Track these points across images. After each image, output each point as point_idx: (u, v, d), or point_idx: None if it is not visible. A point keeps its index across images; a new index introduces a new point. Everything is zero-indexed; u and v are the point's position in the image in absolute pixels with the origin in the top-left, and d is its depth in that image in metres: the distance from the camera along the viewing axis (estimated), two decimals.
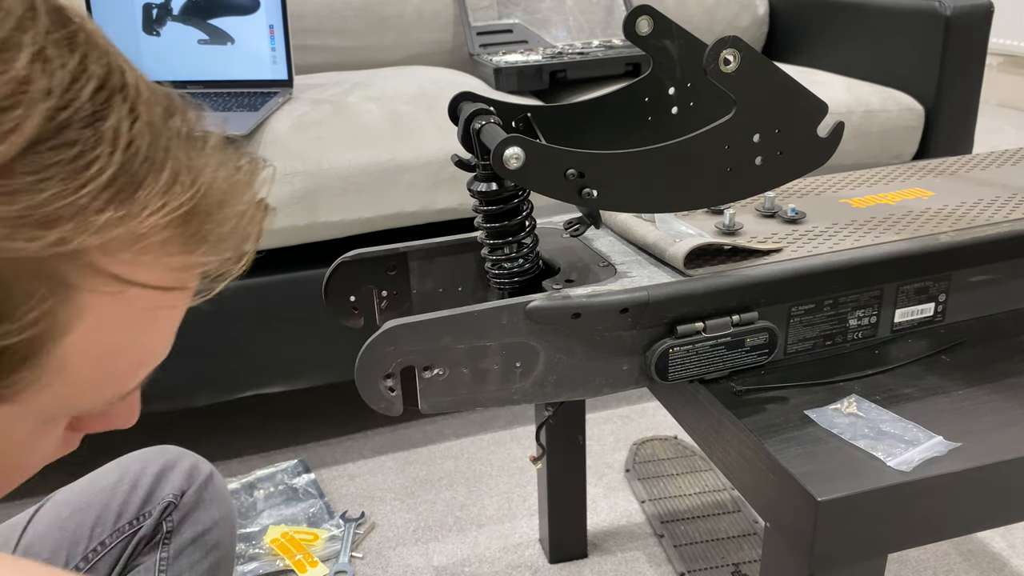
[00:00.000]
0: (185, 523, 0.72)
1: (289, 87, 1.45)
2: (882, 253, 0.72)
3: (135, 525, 0.71)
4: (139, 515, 0.71)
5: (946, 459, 0.59)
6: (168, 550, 0.71)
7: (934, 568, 1.18)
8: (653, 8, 0.72)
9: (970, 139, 1.71)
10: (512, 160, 0.59)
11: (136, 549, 0.71)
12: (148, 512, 0.71)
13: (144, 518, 0.71)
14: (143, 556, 0.71)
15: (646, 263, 0.72)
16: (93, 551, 0.69)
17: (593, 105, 0.77)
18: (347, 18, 1.76)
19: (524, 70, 1.57)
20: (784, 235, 0.76)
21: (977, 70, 1.64)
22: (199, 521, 0.73)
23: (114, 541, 0.70)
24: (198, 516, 0.73)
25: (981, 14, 1.59)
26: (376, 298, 0.79)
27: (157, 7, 1.44)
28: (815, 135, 0.67)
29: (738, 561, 1.19)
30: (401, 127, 1.33)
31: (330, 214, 1.28)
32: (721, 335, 0.67)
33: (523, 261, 0.71)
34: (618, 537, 1.27)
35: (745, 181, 0.67)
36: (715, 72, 0.61)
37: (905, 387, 0.68)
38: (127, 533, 0.70)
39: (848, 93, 1.61)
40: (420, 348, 0.62)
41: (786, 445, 0.61)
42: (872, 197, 0.86)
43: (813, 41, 1.94)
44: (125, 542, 0.70)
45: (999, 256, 0.76)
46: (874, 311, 0.74)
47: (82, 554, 0.69)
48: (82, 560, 0.69)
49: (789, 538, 0.59)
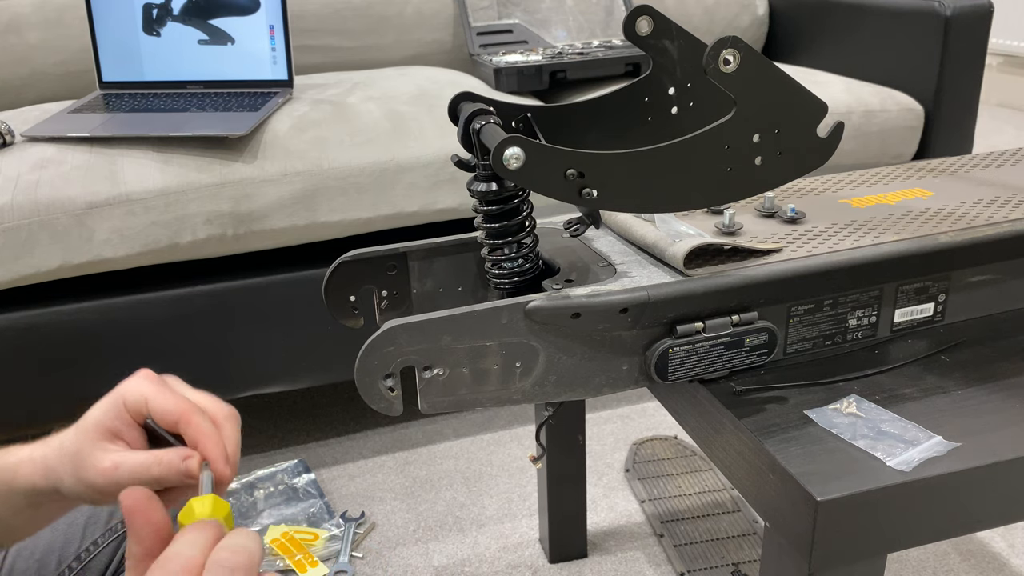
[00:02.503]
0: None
1: (289, 87, 1.45)
2: (882, 253, 0.72)
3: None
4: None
5: (946, 459, 0.59)
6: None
7: (934, 568, 1.18)
8: (653, 8, 0.72)
9: (970, 139, 1.71)
10: (512, 160, 0.59)
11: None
12: None
13: None
14: None
15: (646, 263, 0.72)
16: (86, 551, 0.69)
17: (593, 105, 0.77)
18: (347, 18, 1.76)
19: (524, 70, 1.57)
20: (784, 235, 0.77)
21: (977, 70, 1.64)
22: None
23: (107, 540, 0.70)
24: None
25: (981, 14, 1.59)
26: (376, 298, 0.79)
27: (157, 7, 1.44)
28: (815, 135, 0.67)
29: (738, 561, 1.19)
30: (401, 127, 1.34)
31: (330, 214, 1.28)
32: (721, 335, 0.67)
33: (523, 261, 0.71)
34: (618, 537, 1.27)
35: (745, 181, 0.67)
36: (715, 72, 0.61)
37: (905, 387, 0.68)
38: (119, 532, 0.70)
39: (848, 93, 1.61)
40: (420, 348, 0.63)
41: (786, 445, 0.61)
42: (872, 197, 0.86)
43: (813, 41, 1.94)
44: (118, 541, 0.70)
45: (999, 256, 0.77)
46: (874, 311, 0.74)
47: (75, 554, 0.69)
48: (75, 560, 0.69)
49: (789, 538, 0.59)
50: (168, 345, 1.29)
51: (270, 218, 1.26)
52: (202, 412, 0.52)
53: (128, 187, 1.20)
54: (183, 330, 1.29)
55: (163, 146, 1.25)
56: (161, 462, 0.50)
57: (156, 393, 0.52)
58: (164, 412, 0.52)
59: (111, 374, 1.46)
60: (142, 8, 1.44)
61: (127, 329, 1.26)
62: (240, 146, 1.26)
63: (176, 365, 1.32)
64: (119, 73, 1.47)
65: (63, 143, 1.25)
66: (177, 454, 0.51)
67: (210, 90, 1.45)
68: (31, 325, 1.22)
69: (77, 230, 1.18)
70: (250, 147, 1.26)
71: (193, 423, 0.51)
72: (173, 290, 1.27)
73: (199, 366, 1.30)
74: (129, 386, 0.53)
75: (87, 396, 0.55)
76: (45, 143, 1.25)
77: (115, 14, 1.44)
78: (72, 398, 1.13)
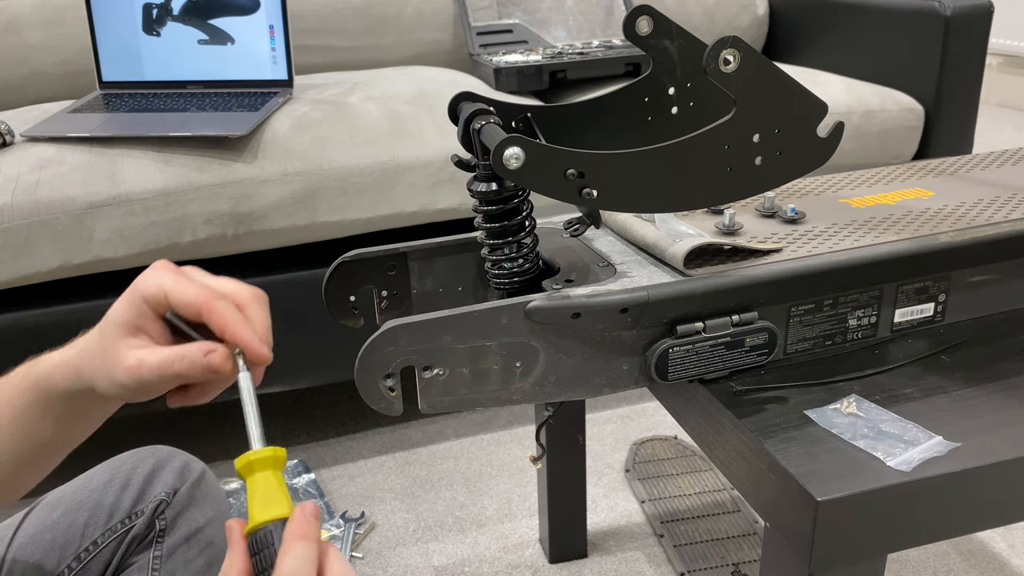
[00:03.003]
0: (178, 521, 0.72)
1: (289, 87, 1.45)
2: (882, 253, 0.72)
3: (127, 524, 0.70)
4: (131, 514, 0.70)
5: (946, 459, 0.59)
6: (161, 548, 0.71)
7: (934, 568, 1.18)
8: (653, 8, 0.72)
9: (970, 139, 1.71)
10: (512, 160, 0.59)
11: (129, 548, 0.70)
12: (140, 511, 0.71)
13: (136, 516, 0.70)
14: (136, 555, 0.71)
15: (646, 263, 0.72)
16: (85, 551, 0.69)
17: (593, 105, 0.77)
18: (347, 18, 1.76)
19: (524, 70, 1.57)
20: (784, 235, 0.77)
21: (977, 70, 1.64)
22: (192, 519, 0.72)
23: (106, 540, 0.70)
24: (191, 514, 0.72)
25: (981, 14, 1.59)
26: (376, 298, 0.79)
27: (157, 7, 1.44)
28: (815, 135, 0.67)
29: (738, 561, 1.19)
30: (401, 127, 1.34)
31: (330, 214, 1.28)
32: (721, 335, 0.67)
33: (523, 261, 0.71)
34: (618, 537, 1.27)
35: (745, 181, 0.67)
36: (715, 72, 0.61)
37: (905, 387, 0.68)
38: (119, 532, 0.70)
39: (848, 93, 1.61)
40: (420, 348, 0.63)
41: (786, 445, 0.61)
42: (872, 197, 0.86)
43: (813, 41, 1.94)
44: (117, 541, 0.70)
45: (998, 256, 0.77)
46: (874, 311, 0.74)
47: (74, 554, 0.69)
48: (74, 560, 0.69)
49: (789, 538, 0.59)
50: None
51: (270, 218, 1.26)
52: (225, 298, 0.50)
53: (128, 187, 1.20)
54: None
55: (163, 146, 1.25)
56: (183, 358, 0.49)
57: (175, 284, 0.50)
58: (185, 303, 0.50)
59: None
60: (142, 8, 1.44)
61: None
62: (240, 146, 1.26)
63: None
64: (119, 73, 1.47)
65: (63, 143, 1.25)
66: (199, 348, 0.49)
67: (210, 90, 1.45)
68: (31, 325, 1.22)
69: (77, 230, 1.18)
70: (250, 147, 1.26)
71: (216, 310, 0.49)
72: None
73: None
74: (147, 279, 0.51)
75: None
76: (45, 143, 1.25)
77: (115, 14, 1.44)
78: None
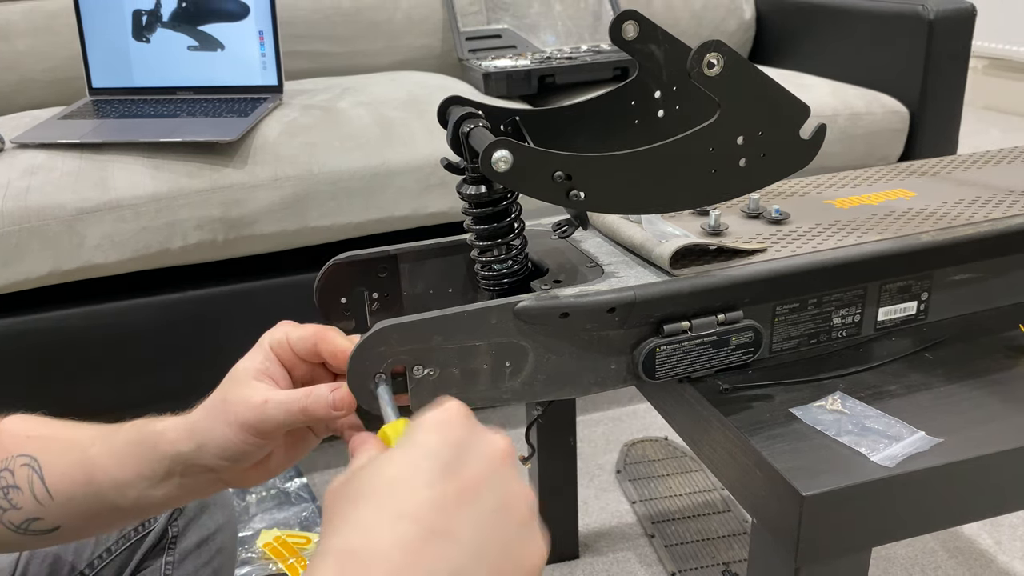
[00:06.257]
0: (190, 528, 0.72)
1: (279, 93, 1.46)
2: (865, 252, 0.73)
3: (141, 532, 0.71)
4: (145, 521, 0.71)
5: (929, 454, 0.60)
6: (173, 555, 0.71)
7: (922, 565, 1.19)
8: (639, 13, 0.73)
9: (955, 141, 1.73)
10: (500, 163, 0.60)
11: (144, 556, 0.71)
12: (154, 519, 0.71)
13: (150, 523, 0.71)
14: (148, 561, 0.71)
15: (633, 263, 0.73)
16: (99, 557, 0.69)
17: (580, 109, 0.78)
18: (337, 24, 1.76)
19: (513, 75, 1.58)
20: (768, 235, 0.78)
21: (960, 73, 1.66)
22: (204, 526, 0.73)
23: (120, 548, 0.70)
24: (203, 521, 0.73)
25: (963, 17, 1.61)
26: (367, 300, 0.79)
27: (147, 13, 1.45)
28: (798, 137, 0.68)
29: (728, 560, 1.20)
30: (391, 132, 1.34)
31: (320, 219, 1.29)
32: (707, 334, 0.68)
33: (512, 262, 0.72)
34: (609, 538, 1.27)
35: (730, 182, 0.68)
36: (699, 76, 0.62)
37: (888, 384, 0.69)
38: (133, 540, 0.71)
39: (833, 96, 1.62)
40: (411, 348, 0.63)
41: (772, 441, 0.62)
42: (855, 198, 0.88)
43: (799, 45, 1.96)
44: (131, 549, 0.70)
45: (979, 255, 0.78)
46: (858, 310, 0.75)
47: (87, 560, 0.69)
48: (87, 567, 0.69)
49: (775, 533, 0.60)
50: (159, 351, 1.29)
51: (260, 223, 1.26)
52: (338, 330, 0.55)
53: (118, 193, 1.20)
54: (174, 335, 1.29)
55: (153, 152, 1.25)
56: (310, 394, 0.52)
57: (294, 327, 0.56)
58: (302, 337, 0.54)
59: (102, 380, 1.46)
60: (132, 14, 1.45)
61: (118, 335, 1.26)
62: (230, 151, 1.26)
63: (167, 370, 1.33)
64: (109, 79, 1.47)
65: (53, 149, 1.25)
66: (327, 387, 0.53)
67: (200, 96, 1.45)
68: (21, 332, 1.22)
69: (67, 236, 1.18)
70: (240, 152, 1.26)
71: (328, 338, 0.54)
72: (164, 295, 1.28)
73: (190, 372, 1.30)
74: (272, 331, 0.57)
75: (79, 403, 0.55)
76: (35, 149, 1.25)
77: (105, 20, 1.45)
78: (63, 405, 1.13)
